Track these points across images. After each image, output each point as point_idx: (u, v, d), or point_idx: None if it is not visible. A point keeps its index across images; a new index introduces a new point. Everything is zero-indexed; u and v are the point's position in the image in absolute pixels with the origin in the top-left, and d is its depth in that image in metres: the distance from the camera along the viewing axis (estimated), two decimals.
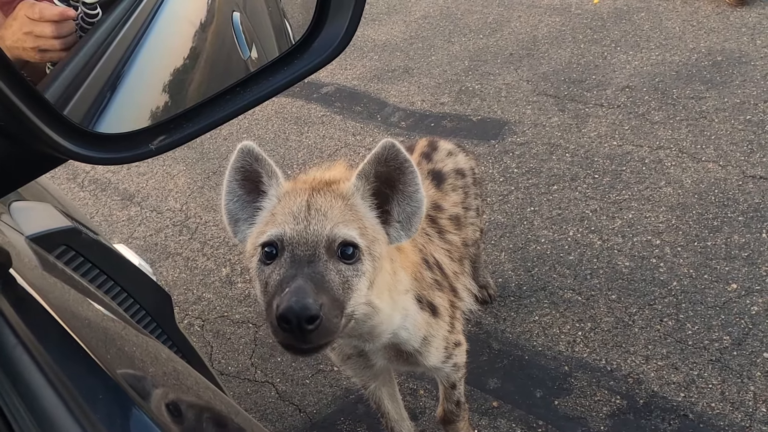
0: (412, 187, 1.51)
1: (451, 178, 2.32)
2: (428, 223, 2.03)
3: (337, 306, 1.37)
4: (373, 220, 1.53)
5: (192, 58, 1.36)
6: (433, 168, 2.29)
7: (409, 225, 1.54)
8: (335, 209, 1.46)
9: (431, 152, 2.38)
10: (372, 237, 1.48)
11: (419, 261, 1.85)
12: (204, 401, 1.10)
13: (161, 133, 1.04)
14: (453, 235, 2.12)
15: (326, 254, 1.41)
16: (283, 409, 2.86)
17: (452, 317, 1.97)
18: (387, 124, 4.69)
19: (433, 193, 2.15)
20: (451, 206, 2.20)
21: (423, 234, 1.96)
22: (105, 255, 1.62)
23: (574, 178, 3.74)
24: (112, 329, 1.11)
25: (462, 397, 2.30)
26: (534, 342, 2.90)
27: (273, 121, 5.10)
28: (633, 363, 2.72)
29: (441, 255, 2.00)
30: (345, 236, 1.42)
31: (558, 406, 2.62)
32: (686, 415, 2.49)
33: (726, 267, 3.03)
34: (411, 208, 1.53)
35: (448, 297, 1.95)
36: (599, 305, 2.99)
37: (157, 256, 3.93)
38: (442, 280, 1.95)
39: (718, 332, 2.76)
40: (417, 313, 1.78)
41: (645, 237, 3.28)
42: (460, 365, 2.11)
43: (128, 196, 4.61)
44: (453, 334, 1.98)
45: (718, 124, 3.89)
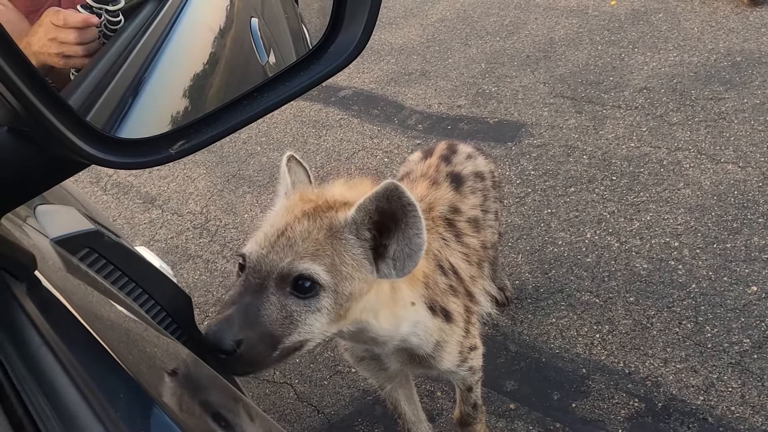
0: (413, 230, 1.45)
1: (470, 180, 2.31)
2: (446, 227, 2.02)
3: (269, 341, 1.39)
4: (359, 256, 1.48)
5: (211, 63, 1.38)
6: (452, 171, 2.28)
7: (402, 267, 1.49)
8: (308, 241, 1.44)
9: (450, 155, 2.38)
10: (346, 274, 1.45)
11: (432, 269, 1.83)
12: (223, 401, 1.11)
13: (181, 137, 1.06)
14: (471, 238, 2.11)
15: (275, 287, 1.41)
16: (301, 410, 2.89)
17: (467, 322, 1.96)
18: (404, 126, 4.71)
19: (452, 196, 2.14)
20: (469, 209, 2.19)
21: (439, 238, 1.95)
22: (127, 257, 1.64)
23: (591, 180, 3.72)
24: (134, 330, 1.12)
25: (479, 400, 2.30)
26: (551, 344, 2.89)
27: (291, 125, 5.15)
28: (651, 366, 2.70)
29: (457, 259, 1.98)
30: (303, 271, 1.41)
31: (575, 409, 2.61)
32: (705, 419, 2.47)
33: (746, 269, 3.00)
34: (409, 250, 1.47)
35: (463, 302, 1.94)
36: (617, 307, 2.98)
37: (177, 259, 3.99)
38: (458, 285, 1.94)
39: (737, 335, 2.73)
40: (429, 320, 1.78)
41: (663, 239, 3.25)
42: (476, 369, 2.11)
43: (150, 199, 4.69)
44: (468, 339, 1.97)
45: (737, 125, 3.85)
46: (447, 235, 2.00)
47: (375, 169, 4.32)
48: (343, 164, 4.47)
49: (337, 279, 1.44)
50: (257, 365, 1.43)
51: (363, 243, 1.49)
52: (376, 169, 4.32)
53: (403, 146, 4.48)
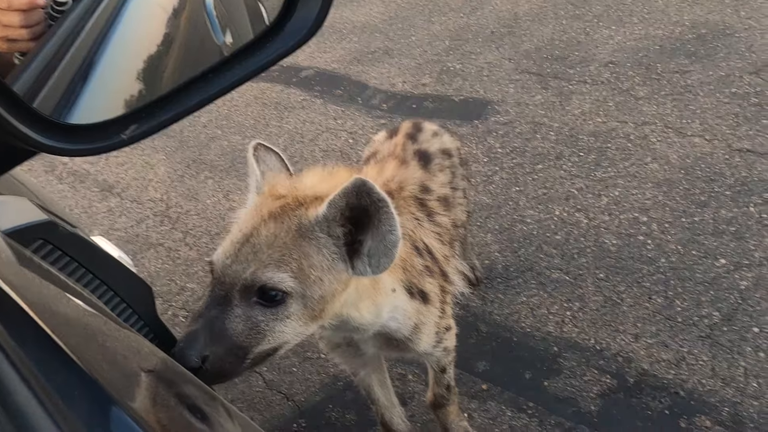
0: (386, 226, 1.38)
1: (438, 158, 2.26)
2: (417, 207, 1.98)
3: (238, 352, 1.38)
4: (330, 255, 1.43)
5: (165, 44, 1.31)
6: (419, 149, 2.23)
7: (378, 264, 1.43)
8: (274, 247, 1.39)
9: (416, 133, 2.33)
10: (315, 278, 1.40)
11: (408, 250, 1.78)
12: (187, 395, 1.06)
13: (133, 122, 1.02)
14: (443, 216, 2.06)
15: (239, 298, 1.39)
16: (270, 397, 2.82)
17: (443, 302, 1.94)
18: (368, 106, 4.61)
19: (421, 175, 2.09)
20: (439, 187, 2.15)
21: (413, 219, 1.90)
22: (83, 248, 1.56)
23: (558, 157, 3.68)
24: (93, 324, 1.07)
25: (452, 381, 2.26)
26: (522, 323, 2.86)
27: (252, 107, 5.01)
28: (622, 341, 2.68)
29: (431, 239, 1.94)
30: (267, 281, 1.37)
31: (548, 388, 2.58)
32: (677, 393, 2.46)
33: (714, 242, 2.99)
34: (384, 247, 1.41)
35: (438, 282, 1.90)
36: (587, 284, 2.95)
37: (138, 248, 3.85)
38: (432, 265, 1.90)
39: (707, 308, 2.73)
40: (407, 303, 1.75)
41: (632, 214, 3.23)
42: (450, 349, 2.08)
43: (107, 187, 4.52)
44: (444, 319, 1.95)
45: (703, 97, 3.84)
46: (419, 214, 1.95)
47: (340, 150, 4.22)
48: (306, 146, 4.36)
49: (305, 284, 1.39)
50: (228, 376, 1.43)
51: (336, 241, 1.43)
52: (341, 150, 4.22)
53: (368, 126, 4.38)
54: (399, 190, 1.94)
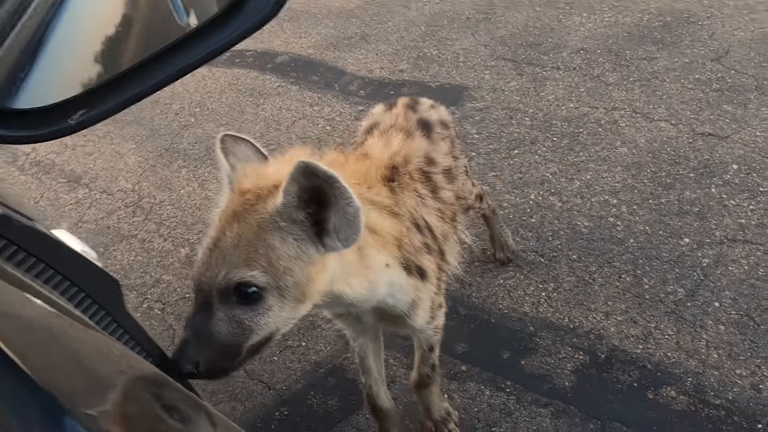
0: (343, 199, 1.41)
1: (438, 127, 2.31)
2: (423, 181, 2.00)
3: (230, 350, 1.46)
4: (297, 241, 1.46)
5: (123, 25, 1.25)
6: (420, 117, 2.26)
7: (346, 237, 1.46)
8: (239, 248, 1.43)
9: (415, 104, 2.37)
10: (284, 268, 1.44)
11: (408, 227, 1.82)
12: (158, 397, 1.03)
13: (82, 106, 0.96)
14: (446, 191, 2.11)
15: (219, 302, 1.44)
16: (252, 387, 2.83)
17: (439, 279, 1.99)
18: (345, 93, 4.64)
19: (426, 146, 2.12)
20: (443, 157, 2.19)
21: (415, 196, 1.94)
22: (42, 242, 1.45)
23: (533, 142, 3.80)
24: (57, 327, 1.01)
25: (437, 361, 2.33)
26: (500, 305, 2.98)
27: (227, 94, 4.94)
28: (594, 319, 2.83)
29: (432, 217, 1.99)
30: (241, 279, 1.42)
31: (524, 366, 2.71)
32: (645, 366, 2.62)
33: (679, 222, 3.15)
34: (346, 220, 1.44)
35: (436, 259, 1.95)
36: (561, 266, 3.09)
37: (110, 240, 3.80)
38: (432, 242, 1.94)
39: (672, 285, 2.89)
40: (404, 280, 1.79)
41: (603, 197, 3.37)
42: (440, 327, 2.15)
43: (75, 177, 4.40)
44: (438, 296, 2.01)
45: (669, 83, 3.99)
46: (423, 191, 1.99)
47: (317, 137, 4.25)
48: (283, 134, 4.36)
49: (277, 276, 1.44)
50: (226, 372, 1.51)
51: (300, 225, 1.46)
52: (318, 137, 4.26)
53: (345, 113, 4.42)
54: (405, 164, 1.96)
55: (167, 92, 5.12)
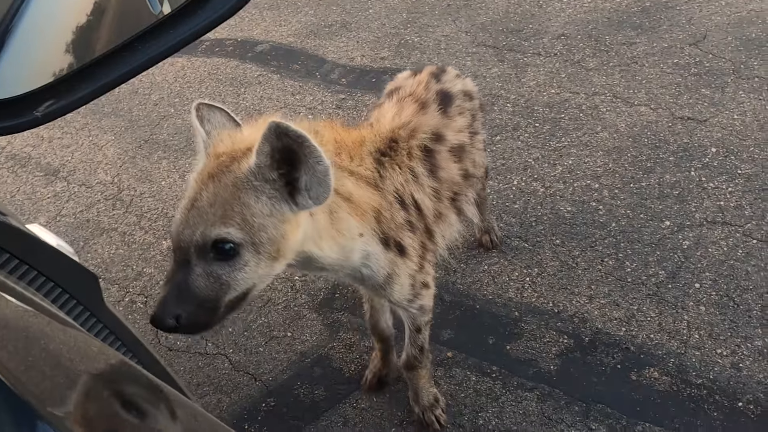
0: (312, 159, 1.46)
1: (459, 99, 2.27)
2: (422, 158, 2.00)
3: (209, 305, 1.51)
4: (270, 199, 1.52)
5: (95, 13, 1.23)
6: (441, 88, 2.23)
7: (317, 195, 1.52)
8: (216, 206, 1.49)
9: (440, 74, 2.34)
10: (259, 225, 1.50)
11: (389, 202, 1.85)
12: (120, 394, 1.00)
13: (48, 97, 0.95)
14: (450, 170, 2.09)
15: (197, 258, 1.50)
16: (238, 379, 2.83)
17: (422, 257, 2.00)
18: (327, 81, 4.61)
19: (438, 121, 2.10)
20: (455, 133, 2.16)
21: (407, 173, 1.94)
22: (15, 238, 1.43)
23: (516, 128, 3.81)
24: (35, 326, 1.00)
25: (426, 344, 2.34)
26: (484, 291, 3.00)
27: (207, 83, 4.88)
28: (578, 303, 2.86)
29: (423, 196, 1.99)
30: (216, 237, 1.48)
31: (510, 351, 2.74)
32: (628, 348, 2.66)
33: (659, 205, 3.19)
34: (316, 178, 1.49)
35: (420, 238, 1.97)
36: (545, 250, 3.11)
37: (90, 234, 3.75)
38: (417, 221, 1.96)
39: (654, 268, 2.93)
40: (381, 253, 1.84)
41: (585, 182, 3.40)
42: (426, 308, 2.17)
43: (52, 171, 4.32)
44: (421, 274, 2.02)
45: (648, 68, 4.02)
46: (420, 169, 1.99)
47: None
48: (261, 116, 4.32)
49: (252, 232, 1.49)
50: (208, 326, 1.56)
51: (272, 184, 1.51)
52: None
53: (327, 102, 4.39)
54: (409, 138, 1.97)
55: (146, 82, 5.08)
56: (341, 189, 1.66)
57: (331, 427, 2.56)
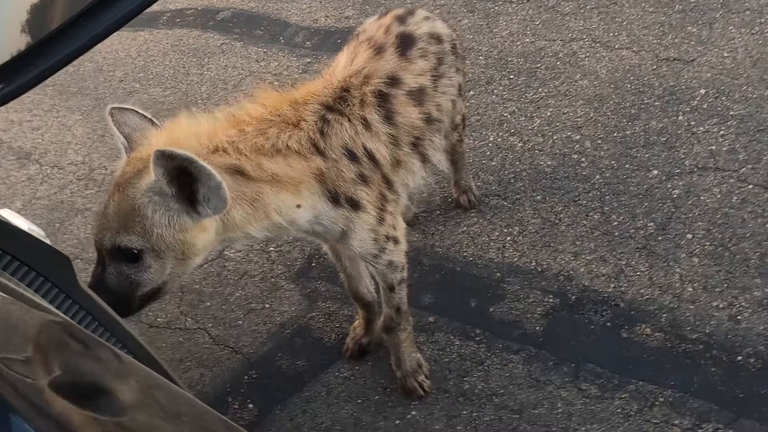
0: (203, 176, 1.58)
1: (423, 42, 2.16)
2: (376, 105, 1.95)
3: (124, 298, 1.70)
4: (167, 214, 1.65)
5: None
6: (403, 31, 2.14)
7: (215, 206, 1.63)
8: (119, 215, 1.65)
9: (407, 16, 2.23)
10: (158, 234, 1.65)
11: (335, 159, 1.86)
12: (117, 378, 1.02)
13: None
14: (408, 115, 2.03)
15: (109, 259, 1.69)
16: (218, 353, 2.77)
17: (381, 209, 1.97)
18: (291, 45, 4.41)
19: (394, 65, 2.04)
20: (414, 77, 2.08)
21: (358, 122, 1.91)
22: None
23: (489, 82, 3.62)
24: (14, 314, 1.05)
25: (403, 305, 2.27)
26: (464, 253, 2.84)
27: (170, 56, 4.72)
28: (562, 261, 2.70)
29: (377, 144, 1.95)
30: (121, 243, 1.66)
31: (493, 313, 2.59)
32: (617, 305, 2.51)
33: (646, 154, 3.02)
34: (212, 191, 1.60)
35: (377, 189, 1.95)
36: (525, 208, 2.94)
37: (65, 215, 3.64)
38: (371, 172, 1.94)
39: (642, 220, 2.77)
40: (330, 211, 1.88)
41: (565, 133, 3.22)
42: (396, 265, 2.12)
43: (24, 154, 4.22)
44: (383, 227, 1.99)
45: (628, 8, 3.81)
46: (371, 116, 1.94)
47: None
48: (230, 93, 4.16)
49: (151, 240, 1.65)
50: (127, 313, 1.74)
51: (171, 198, 1.64)
52: None
53: (293, 66, 4.20)
54: (362, 85, 1.94)
55: (110, 59, 5.00)
56: (261, 175, 1.74)
57: (314, 397, 2.51)
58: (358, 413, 2.39)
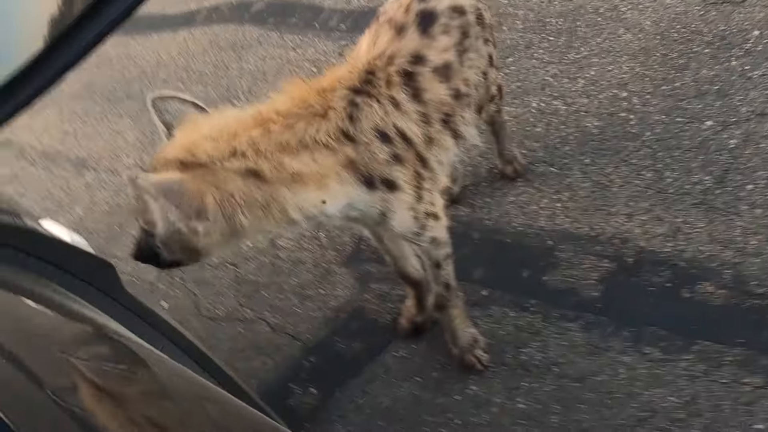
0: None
1: (444, 17, 2.12)
2: (403, 84, 1.93)
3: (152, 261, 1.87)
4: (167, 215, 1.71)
5: None
6: (424, 8, 2.09)
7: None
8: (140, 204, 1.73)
9: None
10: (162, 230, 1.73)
11: (366, 143, 1.84)
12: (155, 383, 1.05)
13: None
14: (435, 92, 2.00)
15: (142, 231, 1.81)
16: (278, 341, 2.82)
17: (418, 187, 1.95)
18: (326, 29, 4.43)
19: (417, 44, 2.00)
20: (438, 54, 2.04)
21: (388, 102, 1.88)
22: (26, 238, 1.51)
23: (528, 46, 3.53)
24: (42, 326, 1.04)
25: (451, 281, 2.25)
26: (514, 223, 2.80)
27: (209, 53, 4.84)
28: (616, 223, 2.62)
29: (408, 122, 1.93)
30: (142, 226, 1.79)
31: (547, 282, 2.55)
32: (676, 264, 2.42)
33: (698, 105, 2.88)
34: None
35: (412, 168, 1.93)
36: (574, 172, 2.87)
37: (123, 218, 3.77)
38: (405, 152, 1.91)
39: (698, 174, 2.65)
40: (365, 195, 1.87)
41: (610, 92, 3.11)
42: (439, 241, 2.10)
43: (81, 162, 4.43)
44: (422, 204, 1.98)
45: None
46: (401, 95, 1.92)
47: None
48: (271, 84, 4.20)
49: (158, 232, 1.74)
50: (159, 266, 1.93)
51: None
52: None
53: (329, 51, 4.22)
54: (386, 66, 1.92)
55: (152, 62, 5.15)
56: (280, 176, 1.73)
57: (373, 378, 2.52)
58: (417, 391, 2.40)
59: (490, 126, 2.81)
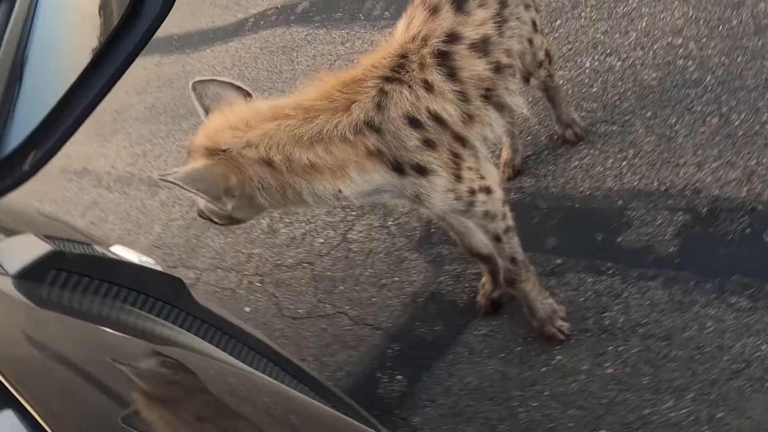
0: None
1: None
2: (437, 64, 1.89)
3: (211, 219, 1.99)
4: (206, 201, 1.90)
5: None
6: None
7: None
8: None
9: None
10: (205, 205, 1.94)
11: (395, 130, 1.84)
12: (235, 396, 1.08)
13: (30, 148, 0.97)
14: (473, 67, 1.96)
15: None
16: (360, 332, 2.89)
17: (456, 168, 1.94)
18: (371, 20, 4.44)
19: (451, 22, 1.95)
20: (473, 29, 1.99)
21: (420, 86, 1.86)
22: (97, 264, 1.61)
23: (575, 6, 3.46)
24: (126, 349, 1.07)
25: (517, 255, 2.24)
26: (580, 188, 2.78)
27: (261, 59, 4.92)
28: (686, 174, 2.58)
29: (444, 104, 1.90)
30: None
31: (622, 243, 2.53)
32: (754, 209, 2.36)
33: (759, 41, 2.77)
34: None
35: (447, 151, 1.92)
36: (636, 128, 2.82)
37: (199, 231, 3.95)
38: (437, 135, 1.89)
39: (766, 113, 2.57)
40: (396, 180, 1.89)
41: (665, 41, 3.03)
42: (494, 213, 2.08)
43: (153, 182, 4.59)
44: (462, 184, 1.96)
45: None
46: (434, 77, 1.88)
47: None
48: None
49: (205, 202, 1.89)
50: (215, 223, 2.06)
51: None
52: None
53: (377, 41, 4.23)
54: (420, 48, 1.88)
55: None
56: (291, 167, 1.78)
57: (457, 359, 2.55)
58: (503, 367, 2.43)
59: (544, 92, 2.80)
